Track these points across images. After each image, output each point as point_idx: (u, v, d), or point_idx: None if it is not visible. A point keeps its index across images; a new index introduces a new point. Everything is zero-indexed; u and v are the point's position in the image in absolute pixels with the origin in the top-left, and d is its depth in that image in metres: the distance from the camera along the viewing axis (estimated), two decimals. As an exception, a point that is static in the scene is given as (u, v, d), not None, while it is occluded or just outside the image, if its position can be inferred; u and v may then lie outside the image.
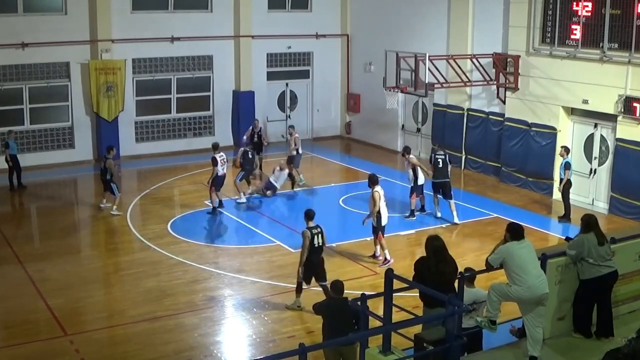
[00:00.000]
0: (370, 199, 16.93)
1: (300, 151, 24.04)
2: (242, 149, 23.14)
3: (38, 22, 25.81)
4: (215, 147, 21.27)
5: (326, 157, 28.44)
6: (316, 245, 14.34)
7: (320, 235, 14.40)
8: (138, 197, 22.81)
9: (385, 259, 16.97)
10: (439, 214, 20.49)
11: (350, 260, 17.53)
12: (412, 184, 20.50)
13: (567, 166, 19.86)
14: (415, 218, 20.59)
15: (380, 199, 16.83)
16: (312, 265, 14.40)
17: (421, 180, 20.40)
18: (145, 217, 21.10)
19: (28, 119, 26.47)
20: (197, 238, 19.18)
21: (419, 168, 20.36)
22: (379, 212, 16.83)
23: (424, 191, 20.82)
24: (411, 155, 20.78)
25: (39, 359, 12.92)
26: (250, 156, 22.84)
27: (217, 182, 20.95)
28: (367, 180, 17.48)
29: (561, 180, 20.05)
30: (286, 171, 23.30)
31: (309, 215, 14.54)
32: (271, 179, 22.96)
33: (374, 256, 17.38)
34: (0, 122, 25.90)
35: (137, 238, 19.17)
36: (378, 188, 16.98)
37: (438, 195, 20.43)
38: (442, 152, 20.48)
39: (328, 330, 10.80)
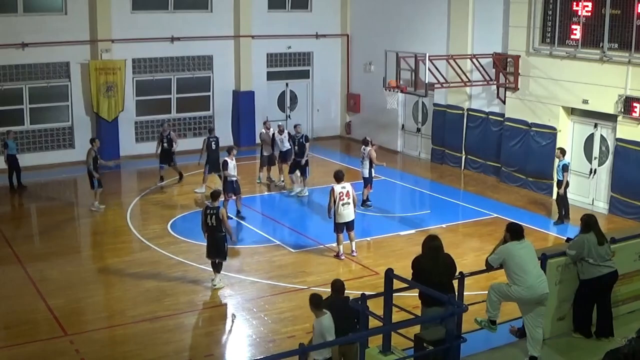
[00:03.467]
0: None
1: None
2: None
3: (38, 22, 25.81)
4: (230, 151, 20.77)
5: (326, 157, 28.43)
6: (209, 224, 15.62)
7: (214, 217, 15.54)
8: (138, 197, 22.82)
9: (338, 253, 17.63)
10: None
11: (350, 260, 17.52)
12: (368, 175, 21.57)
13: (565, 168, 19.74)
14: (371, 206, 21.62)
15: (337, 195, 17.16)
16: (209, 242, 15.81)
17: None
18: (145, 217, 21.10)
19: (28, 119, 26.47)
20: (197, 238, 19.12)
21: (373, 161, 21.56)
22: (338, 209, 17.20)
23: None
24: (369, 148, 21.56)
25: (39, 359, 12.92)
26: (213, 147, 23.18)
27: (228, 188, 20.33)
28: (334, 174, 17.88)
29: (560, 182, 19.89)
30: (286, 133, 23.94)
31: (213, 195, 16.14)
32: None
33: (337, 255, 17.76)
34: (0, 122, 25.92)
35: (137, 238, 19.18)
36: (338, 185, 17.31)
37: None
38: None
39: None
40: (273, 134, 24.05)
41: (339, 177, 17.58)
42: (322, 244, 18.66)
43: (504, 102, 24.35)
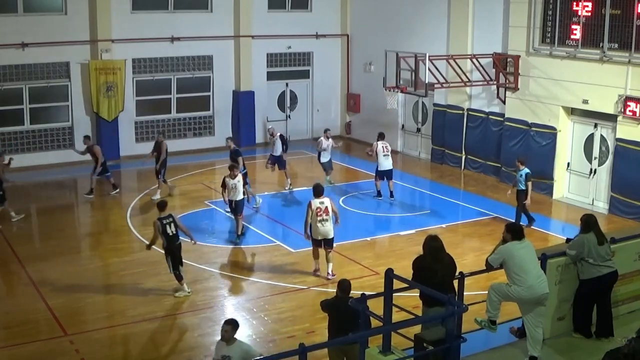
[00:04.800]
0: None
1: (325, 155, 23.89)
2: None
3: (38, 22, 25.82)
4: (231, 168, 19.32)
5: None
6: (170, 234, 15.24)
7: (172, 224, 15.32)
8: (138, 197, 22.81)
9: (314, 268, 16.52)
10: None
11: (350, 260, 17.52)
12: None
13: (527, 177, 19.26)
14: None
15: (311, 210, 15.95)
16: (172, 252, 15.33)
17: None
18: (145, 217, 21.08)
19: (28, 119, 26.48)
20: (197, 238, 19.09)
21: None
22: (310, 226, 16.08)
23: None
24: (378, 142, 22.38)
25: (39, 359, 12.92)
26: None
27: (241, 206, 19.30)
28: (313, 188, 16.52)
29: (521, 191, 19.33)
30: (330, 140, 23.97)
31: (159, 206, 15.67)
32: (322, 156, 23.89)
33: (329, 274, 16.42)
34: (0, 122, 25.93)
35: (137, 238, 19.17)
36: (316, 200, 16.03)
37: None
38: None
39: (333, 329, 10.79)
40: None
41: (317, 191, 16.25)
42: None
43: (504, 102, 24.35)
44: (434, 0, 27.02)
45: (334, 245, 16.50)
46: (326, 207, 16.00)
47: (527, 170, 19.39)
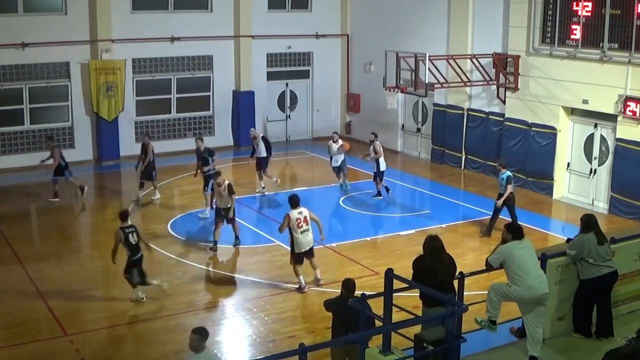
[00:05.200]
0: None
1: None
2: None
3: (38, 22, 25.81)
4: (218, 174, 18.80)
5: (326, 157, 28.39)
6: (133, 243, 14.98)
7: (135, 234, 15.07)
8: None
9: (300, 286, 15.70)
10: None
11: (350, 260, 17.52)
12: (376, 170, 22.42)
13: (509, 180, 18.83)
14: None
15: (291, 222, 15.39)
16: (135, 263, 15.04)
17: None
18: (145, 217, 21.09)
19: (28, 119, 26.47)
20: (197, 238, 19.18)
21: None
22: (293, 239, 15.52)
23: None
24: (378, 142, 22.59)
25: (39, 359, 12.92)
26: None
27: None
28: (288, 199, 15.97)
29: (500, 195, 18.87)
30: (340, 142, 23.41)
31: (122, 215, 15.33)
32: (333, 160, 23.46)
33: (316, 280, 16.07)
34: (0, 122, 25.93)
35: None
36: (294, 211, 15.50)
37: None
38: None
39: (337, 328, 10.78)
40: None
41: (294, 202, 15.71)
42: (322, 244, 18.65)
43: (504, 102, 24.35)
44: (434, 0, 27.01)
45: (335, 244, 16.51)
46: (305, 217, 15.58)
47: (508, 173, 19.00)
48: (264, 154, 23.13)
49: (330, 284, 15.59)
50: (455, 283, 10.73)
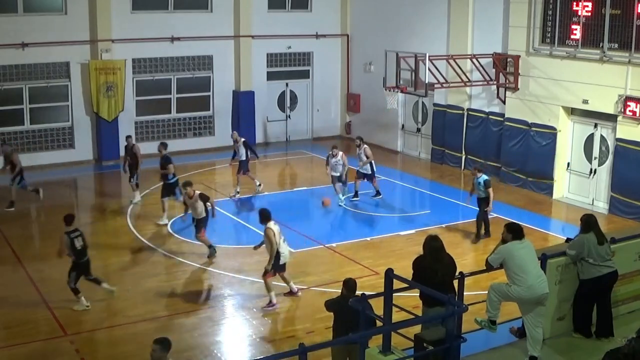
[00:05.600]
0: (265, 238, 14.99)
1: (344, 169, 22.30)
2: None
3: (38, 22, 25.82)
4: (185, 186, 17.87)
5: (325, 157, 28.42)
6: (78, 248, 14.61)
7: (80, 238, 14.69)
8: (138, 197, 22.78)
9: (270, 302, 14.92)
10: None
11: (350, 260, 17.52)
12: (370, 172, 22.21)
13: (487, 184, 18.61)
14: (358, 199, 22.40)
15: (275, 235, 14.82)
16: (78, 267, 14.68)
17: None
18: (145, 217, 21.08)
19: (28, 119, 26.48)
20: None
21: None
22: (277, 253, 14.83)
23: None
24: (366, 146, 22.34)
25: (39, 359, 12.92)
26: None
27: (205, 224, 17.92)
28: (260, 215, 15.23)
29: (483, 200, 18.76)
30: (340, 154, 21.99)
31: (66, 219, 14.84)
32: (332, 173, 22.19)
33: (290, 293, 15.51)
34: (0, 122, 25.94)
35: (137, 238, 19.17)
36: (271, 224, 14.91)
37: None
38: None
39: (338, 328, 10.77)
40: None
41: (267, 215, 15.04)
42: (322, 244, 18.68)
43: (504, 102, 24.36)
44: (434, 0, 27.02)
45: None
46: (279, 228, 15.08)
47: (485, 177, 18.81)
48: (244, 157, 22.72)
49: (330, 284, 15.59)
50: (455, 283, 10.73)
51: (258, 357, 12.63)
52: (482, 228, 19.00)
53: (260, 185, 23.17)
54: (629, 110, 20.06)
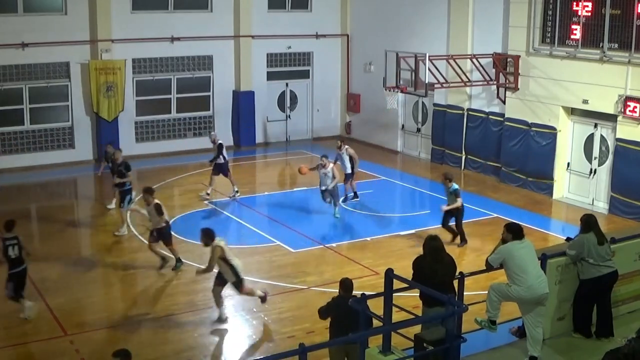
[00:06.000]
0: (217, 261, 13.96)
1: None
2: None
3: (38, 22, 25.82)
4: (151, 193, 17.23)
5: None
6: (13, 257, 13.96)
7: (16, 247, 13.99)
8: (138, 197, 22.77)
9: (222, 317, 14.27)
10: None
11: (350, 260, 17.52)
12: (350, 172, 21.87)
13: (456, 193, 18.16)
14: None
15: (226, 251, 13.97)
16: (15, 276, 14.10)
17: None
18: (145, 217, 21.04)
19: (28, 119, 26.47)
20: (197, 238, 19.05)
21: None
22: (232, 267, 13.96)
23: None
24: (347, 146, 22.23)
25: (38, 359, 12.92)
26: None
27: (164, 234, 17.09)
28: (203, 235, 14.31)
29: (455, 210, 18.30)
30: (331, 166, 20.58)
31: (6, 225, 14.20)
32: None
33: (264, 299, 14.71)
34: (0, 122, 25.95)
35: (137, 238, 19.16)
36: (217, 241, 14.02)
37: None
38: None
39: (335, 329, 10.75)
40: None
41: (212, 235, 14.15)
42: (322, 244, 18.68)
43: (504, 102, 24.35)
44: (434, 0, 27.02)
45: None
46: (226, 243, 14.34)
47: (456, 186, 18.32)
48: (221, 160, 22.43)
49: (330, 284, 15.57)
50: (455, 283, 10.73)
51: (258, 357, 12.63)
52: (455, 232, 18.47)
53: (209, 194, 22.55)
54: (629, 110, 20.06)
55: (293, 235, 19.28)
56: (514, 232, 10.53)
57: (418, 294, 10.68)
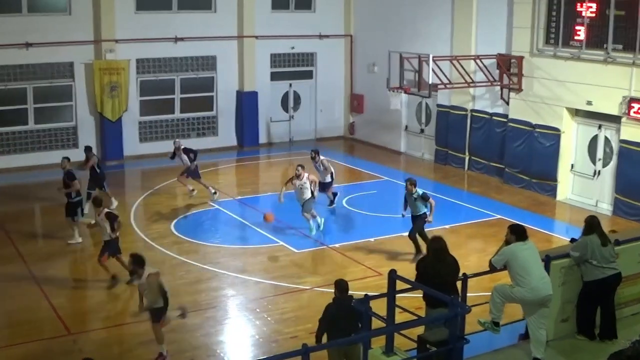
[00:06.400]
0: (150, 287, 12.85)
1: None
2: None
3: (42, 22, 25.86)
4: (99, 203, 16.38)
5: (329, 157, 28.38)
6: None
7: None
8: (141, 197, 22.82)
9: (161, 354, 12.82)
10: None
11: (353, 261, 17.51)
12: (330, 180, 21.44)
13: (425, 196, 17.10)
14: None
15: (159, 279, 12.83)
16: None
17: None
18: (148, 217, 21.10)
19: (32, 118, 26.51)
20: (200, 238, 19.19)
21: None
22: (163, 293, 12.78)
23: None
24: (323, 158, 21.57)
25: (42, 358, 12.93)
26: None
27: (113, 247, 16.15)
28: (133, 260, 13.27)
29: (418, 216, 17.21)
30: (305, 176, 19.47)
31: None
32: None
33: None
34: (4, 122, 26.00)
35: (141, 238, 19.18)
36: (149, 268, 13.08)
37: None
38: None
39: (332, 330, 10.74)
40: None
41: (142, 260, 13.17)
42: (325, 244, 18.68)
43: (507, 103, 24.33)
44: (437, 1, 27.01)
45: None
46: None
47: (420, 190, 17.24)
48: (188, 164, 22.18)
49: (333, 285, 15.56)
50: (459, 284, 10.72)
51: (261, 358, 12.63)
52: (418, 243, 17.25)
53: (215, 193, 22.47)
54: (633, 112, 20.03)
55: (296, 235, 19.28)
56: (517, 233, 10.50)
57: (422, 295, 10.67)
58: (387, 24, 29.25)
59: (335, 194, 21.91)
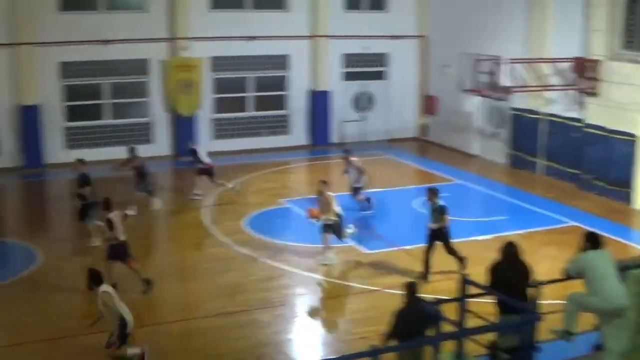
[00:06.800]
0: (101, 306, 12.03)
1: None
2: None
3: (120, 19, 26.47)
4: (107, 207, 15.86)
5: (401, 159, 28.33)
6: None
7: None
8: (214, 193, 23.05)
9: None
10: None
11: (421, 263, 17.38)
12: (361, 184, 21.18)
13: (444, 210, 16.22)
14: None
15: (114, 297, 12.09)
16: None
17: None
18: (220, 213, 21.31)
19: (109, 113, 27.12)
20: (271, 235, 19.28)
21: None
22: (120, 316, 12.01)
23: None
24: (354, 158, 21.41)
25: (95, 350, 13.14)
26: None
27: (116, 252, 15.53)
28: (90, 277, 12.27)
29: (437, 230, 16.32)
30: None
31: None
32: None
33: None
34: (81, 116, 26.67)
35: (212, 234, 19.40)
36: (104, 286, 12.11)
37: None
38: None
39: (402, 333, 10.67)
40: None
41: (99, 277, 12.20)
42: (397, 246, 18.60)
43: (584, 108, 23.87)
44: (512, 3, 26.65)
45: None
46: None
47: (442, 202, 16.35)
48: (202, 165, 22.36)
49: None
50: (531, 291, 10.58)
51: (329, 357, 12.64)
52: (428, 264, 16.36)
53: (196, 193, 22.55)
54: None
55: (368, 236, 19.24)
56: (592, 241, 10.34)
57: (494, 301, 10.55)
58: (461, 25, 29.00)
59: (368, 199, 21.48)
